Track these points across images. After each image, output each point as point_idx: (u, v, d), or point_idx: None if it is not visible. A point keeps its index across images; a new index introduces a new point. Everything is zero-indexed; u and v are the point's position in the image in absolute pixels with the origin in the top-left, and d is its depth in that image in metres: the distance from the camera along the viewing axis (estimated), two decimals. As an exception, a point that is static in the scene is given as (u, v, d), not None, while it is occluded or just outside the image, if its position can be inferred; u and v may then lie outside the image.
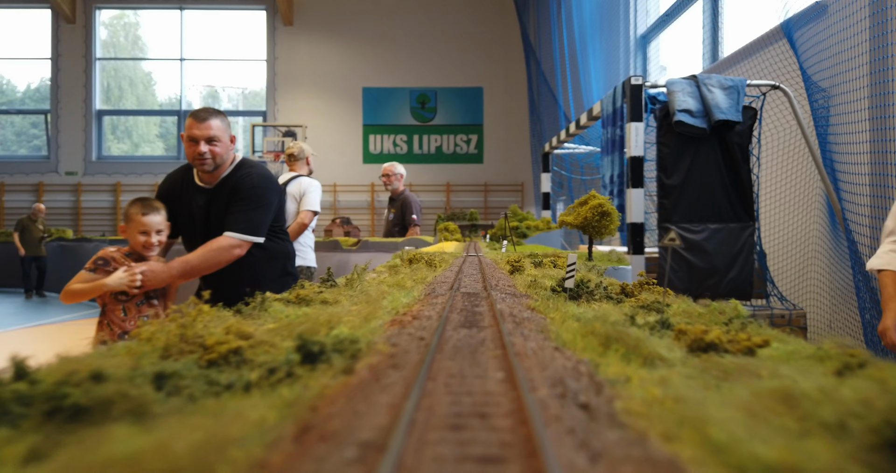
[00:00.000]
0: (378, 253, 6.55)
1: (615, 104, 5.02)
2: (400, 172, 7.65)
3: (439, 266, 2.67)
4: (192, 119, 3.40)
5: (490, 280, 2.00)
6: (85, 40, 17.23)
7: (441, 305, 1.41)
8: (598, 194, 3.42)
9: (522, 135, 16.57)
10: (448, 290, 1.73)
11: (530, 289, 1.81)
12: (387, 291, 1.63)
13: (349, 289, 1.73)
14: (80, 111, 17.15)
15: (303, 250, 5.40)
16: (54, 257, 13.82)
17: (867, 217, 4.61)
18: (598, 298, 1.60)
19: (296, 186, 5.55)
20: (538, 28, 14.29)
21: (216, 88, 18.21)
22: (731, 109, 4.39)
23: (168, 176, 3.70)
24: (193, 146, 3.36)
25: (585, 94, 10.83)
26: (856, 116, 4.67)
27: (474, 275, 2.24)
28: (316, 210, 5.51)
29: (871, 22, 4.58)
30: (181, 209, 3.52)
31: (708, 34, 8.14)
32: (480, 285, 1.87)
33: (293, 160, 5.90)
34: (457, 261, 3.02)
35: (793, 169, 5.66)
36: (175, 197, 3.55)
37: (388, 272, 2.45)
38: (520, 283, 1.97)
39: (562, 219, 3.54)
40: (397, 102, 17.46)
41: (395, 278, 1.99)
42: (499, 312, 1.24)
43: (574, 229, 3.48)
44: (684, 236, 4.57)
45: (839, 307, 5.06)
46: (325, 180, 16.81)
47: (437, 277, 2.17)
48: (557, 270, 2.41)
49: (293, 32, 17.27)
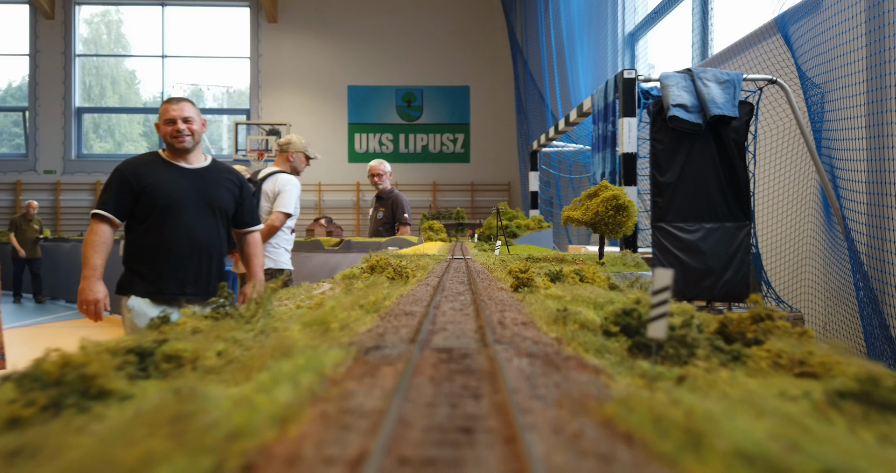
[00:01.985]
0: (361, 254, 6.33)
1: (607, 99, 4.89)
2: (387, 171, 7.48)
3: (412, 276, 2.01)
4: (166, 105, 3.61)
5: (487, 310, 1.28)
6: (64, 36, 16.89)
7: (372, 414, 0.60)
8: (611, 184, 2.99)
9: (509, 134, 16.45)
10: (408, 340, 0.97)
11: (559, 327, 1.11)
12: (292, 341, 0.89)
13: (239, 328, 1.08)
14: (59, 108, 16.81)
15: (274, 252, 5.05)
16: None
17: (864, 215, 4.51)
18: (704, 354, 0.94)
19: (271, 183, 5.11)
20: (525, 26, 14.16)
21: (200, 87, 17.94)
22: (727, 103, 4.27)
23: (133, 161, 3.62)
24: (171, 126, 3.54)
25: (573, 92, 10.71)
26: (852, 111, 4.57)
27: (460, 295, 1.56)
28: (289, 212, 5.04)
29: (867, 16, 4.48)
30: (161, 190, 3.53)
31: (697, 31, 8.05)
32: (472, 324, 1.12)
33: (279, 152, 5.47)
34: (438, 268, 2.42)
35: (789, 166, 5.56)
36: (149, 176, 3.54)
37: (340, 286, 1.88)
38: (538, 313, 1.25)
39: (567, 215, 3.08)
40: (383, 101, 17.28)
41: (332, 305, 1.24)
42: None
43: (581, 227, 3.11)
44: (679, 236, 4.44)
45: (835, 308, 4.95)
46: (310, 179, 16.61)
47: (403, 299, 1.46)
48: (587, 287, 1.70)
49: (277, 30, 17.04)
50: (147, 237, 3.50)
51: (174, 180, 3.54)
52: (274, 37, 17.04)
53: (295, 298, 1.64)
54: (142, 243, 3.52)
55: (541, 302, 1.39)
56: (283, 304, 1.54)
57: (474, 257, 3.23)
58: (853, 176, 4.51)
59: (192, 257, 3.54)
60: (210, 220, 3.62)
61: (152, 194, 3.47)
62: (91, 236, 3.42)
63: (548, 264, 2.71)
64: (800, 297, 5.36)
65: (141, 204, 3.48)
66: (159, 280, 3.50)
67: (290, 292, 1.72)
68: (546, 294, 1.52)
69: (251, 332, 1.04)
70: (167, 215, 3.50)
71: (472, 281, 1.90)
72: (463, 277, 2.09)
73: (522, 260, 2.64)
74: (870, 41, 4.46)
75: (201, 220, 3.58)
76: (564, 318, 1.16)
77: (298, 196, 5.20)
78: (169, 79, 17.74)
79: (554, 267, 2.11)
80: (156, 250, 3.50)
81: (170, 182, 3.53)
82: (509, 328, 1.08)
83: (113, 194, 3.45)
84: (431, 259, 3.00)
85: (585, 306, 1.35)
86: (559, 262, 2.91)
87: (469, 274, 2.16)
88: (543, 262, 2.90)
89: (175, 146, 3.57)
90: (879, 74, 4.39)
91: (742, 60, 6.21)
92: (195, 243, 3.54)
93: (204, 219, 3.60)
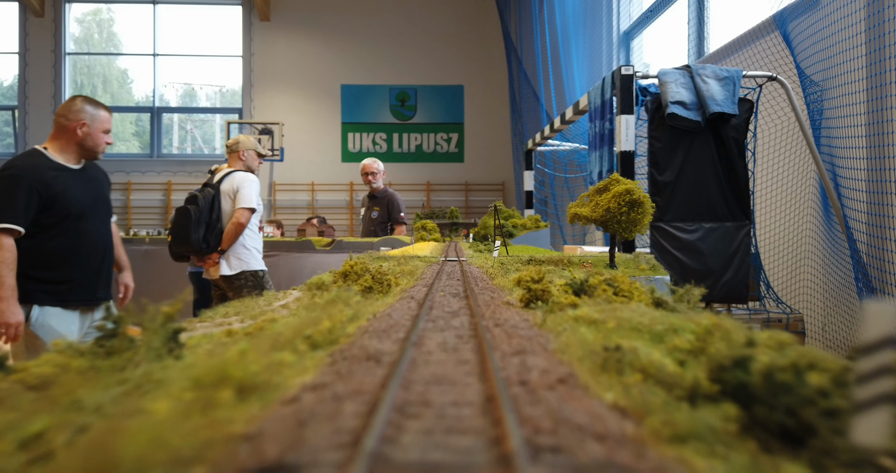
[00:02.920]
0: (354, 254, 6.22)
1: (604, 96, 4.81)
2: (382, 169, 7.39)
3: (395, 285, 1.67)
4: (108, 112, 3.70)
5: (498, 350, 0.87)
6: (54, 35, 16.73)
7: None
8: (623, 178, 2.70)
9: (504, 134, 16.37)
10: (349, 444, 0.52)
11: (612, 380, 0.74)
12: (128, 444, 0.48)
13: (108, 375, 0.73)
14: (49, 107, 16.64)
15: (247, 254, 4.98)
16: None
17: (864, 214, 4.45)
18: None
19: (228, 182, 5.05)
20: (519, 25, 14.09)
21: (193, 86, 17.79)
22: (727, 100, 4.19)
23: (28, 165, 3.44)
24: (105, 137, 3.65)
25: (568, 92, 10.64)
26: (852, 109, 4.51)
27: (454, 317, 1.16)
28: (251, 207, 4.98)
29: (868, 12, 4.42)
30: (65, 198, 3.47)
31: (693, 29, 7.98)
32: (474, 388, 0.69)
33: (229, 153, 5.41)
34: (429, 272, 2.10)
35: (789, 165, 5.49)
36: (55, 184, 3.45)
37: (306, 296, 1.54)
38: (574, 351, 0.85)
39: (574, 211, 2.81)
40: (376, 100, 17.17)
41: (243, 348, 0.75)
42: None
43: (590, 225, 2.85)
44: (677, 236, 4.36)
45: (834, 309, 4.89)
46: (303, 178, 16.49)
47: (373, 324, 1.08)
48: (627, 305, 1.27)
49: (270, 28, 16.91)
50: (53, 243, 3.41)
51: (77, 185, 3.55)
52: (266, 35, 16.91)
53: (245, 312, 1.35)
54: (46, 248, 3.40)
55: (571, 331, 1.00)
56: (226, 321, 1.24)
57: (470, 259, 2.97)
58: (853, 174, 4.45)
59: (103, 259, 3.66)
60: (106, 220, 3.78)
61: (63, 202, 3.41)
62: (5, 254, 3.22)
63: (554, 267, 2.44)
64: (799, 298, 5.30)
65: (50, 212, 3.38)
66: (71, 285, 3.45)
67: (244, 304, 1.48)
68: (575, 316, 1.11)
69: (120, 387, 0.68)
70: (78, 220, 3.50)
71: (469, 292, 1.53)
72: (458, 286, 1.73)
73: (526, 263, 2.41)
74: (870, 38, 4.40)
75: (101, 222, 3.70)
76: (618, 362, 0.76)
77: (258, 192, 5.16)
78: (161, 78, 17.58)
79: (573, 274, 1.69)
80: (62, 255, 3.43)
81: (74, 187, 3.52)
82: (541, 396, 0.64)
83: (22, 204, 3.28)
84: (422, 262, 2.73)
85: (638, 337, 0.96)
86: (565, 265, 2.67)
87: (465, 281, 1.82)
88: (549, 264, 2.66)
89: (97, 155, 3.64)
90: (880, 71, 4.32)
91: (739, 57, 6.14)
92: (100, 246, 3.65)
93: (102, 220, 3.73)
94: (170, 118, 17.80)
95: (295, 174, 16.55)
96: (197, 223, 4.71)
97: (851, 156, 4.46)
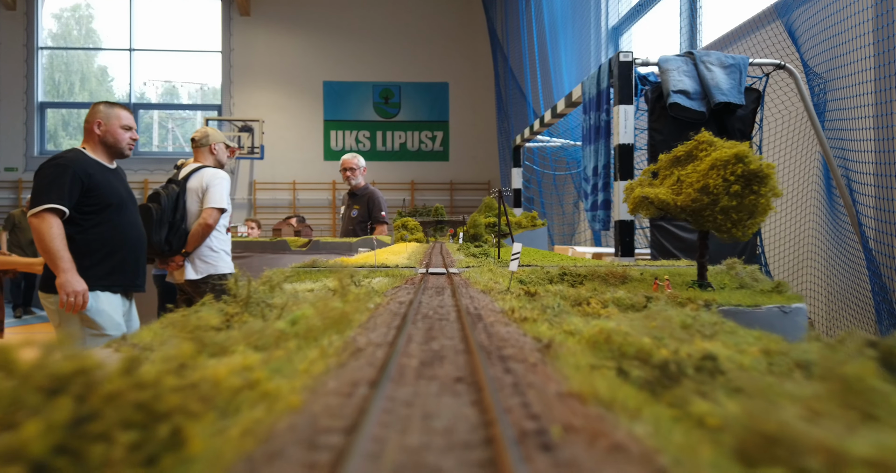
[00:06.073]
0: (330, 255, 5.84)
1: (599, 86, 4.56)
2: (362, 165, 7.07)
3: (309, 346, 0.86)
4: (126, 111, 3.98)
5: None
6: (26, 28, 16.22)
7: None
8: (716, 139, 1.74)
9: (489, 132, 16.15)
10: None
11: None
12: None
13: None
14: (21, 103, 16.14)
15: (215, 257, 4.67)
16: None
17: (872, 209, 4.27)
18: None
19: (196, 179, 4.71)
20: (506, 21, 13.86)
21: (174, 85, 17.37)
22: (733, 90, 3.96)
23: (71, 158, 3.78)
24: (128, 132, 3.93)
25: (556, 89, 10.42)
26: (858, 100, 4.32)
27: None
28: (222, 207, 4.65)
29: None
30: (106, 188, 3.80)
31: (685, 22, 7.78)
32: None
33: (195, 147, 5.01)
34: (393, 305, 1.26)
35: (795, 159, 5.29)
36: (99, 176, 3.77)
37: None
38: None
39: (642, 193, 1.81)
40: (359, 97, 16.85)
41: None
42: None
43: (646, 219, 1.77)
44: (680, 236, 4.13)
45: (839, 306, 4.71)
46: (284, 177, 16.15)
47: None
48: None
49: (250, 23, 16.54)
50: (101, 229, 3.72)
51: (114, 181, 3.87)
52: (246, 30, 16.53)
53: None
54: (96, 236, 3.71)
55: None
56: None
57: (462, 270, 2.13)
58: (858, 167, 4.26)
59: (141, 248, 4.00)
60: (138, 215, 4.10)
61: (103, 192, 3.73)
62: (56, 230, 3.54)
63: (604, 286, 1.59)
64: (803, 293, 5.11)
65: (92, 199, 3.70)
66: (118, 271, 3.76)
67: None
68: None
69: None
70: (119, 211, 3.82)
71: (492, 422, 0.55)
72: (450, 368, 0.74)
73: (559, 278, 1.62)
74: (877, 26, 4.21)
75: (137, 216, 4.04)
76: None
77: (229, 190, 4.80)
78: (142, 75, 17.13)
79: None
80: (110, 243, 3.75)
81: (112, 181, 3.84)
82: None
83: (68, 188, 3.61)
84: (390, 277, 1.84)
85: None
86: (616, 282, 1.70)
87: (469, 349, 0.83)
88: (592, 280, 1.73)
89: (125, 153, 3.92)
90: (888, 61, 4.14)
91: (737, 49, 5.94)
92: (140, 236, 3.99)
93: (137, 215, 4.06)
94: (150, 116, 17.37)
95: (276, 173, 16.21)
96: (159, 223, 4.42)
97: (859, 148, 4.27)
